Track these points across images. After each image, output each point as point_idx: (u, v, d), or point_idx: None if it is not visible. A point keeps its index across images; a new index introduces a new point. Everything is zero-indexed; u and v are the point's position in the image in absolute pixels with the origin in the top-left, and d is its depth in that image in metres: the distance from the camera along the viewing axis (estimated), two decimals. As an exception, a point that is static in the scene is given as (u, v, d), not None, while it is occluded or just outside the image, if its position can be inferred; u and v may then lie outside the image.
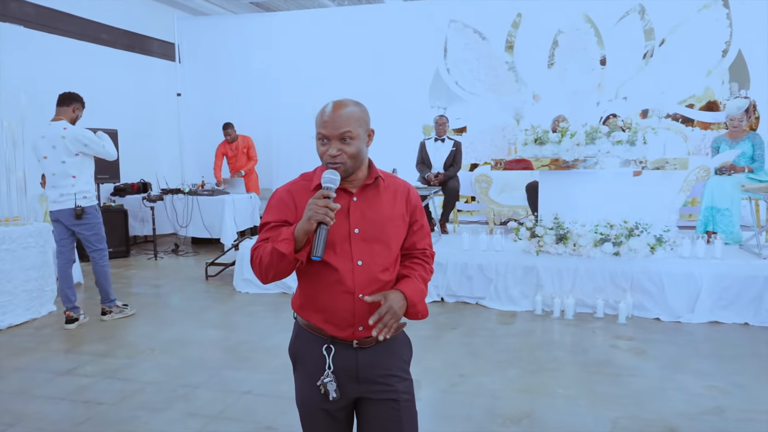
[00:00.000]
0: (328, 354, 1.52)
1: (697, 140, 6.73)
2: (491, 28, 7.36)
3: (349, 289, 1.48)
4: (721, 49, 6.60)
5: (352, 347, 1.53)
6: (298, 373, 1.60)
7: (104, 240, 4.51)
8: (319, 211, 1.36)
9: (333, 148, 1.46)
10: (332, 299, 1.50)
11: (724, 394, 3.04)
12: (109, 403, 3.04)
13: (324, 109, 1.49)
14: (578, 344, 3.89)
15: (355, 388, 1.54)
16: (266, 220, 1.54)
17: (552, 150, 4.94)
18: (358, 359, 1.53)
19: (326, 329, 1.52)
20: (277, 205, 1.54)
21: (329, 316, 1.51)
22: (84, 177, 4.37)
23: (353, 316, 1.49)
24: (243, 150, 7.86)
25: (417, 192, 1.65)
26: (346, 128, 1.45)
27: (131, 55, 8.33)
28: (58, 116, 4.34)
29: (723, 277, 4.30)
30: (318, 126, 1.47)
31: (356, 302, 1.49)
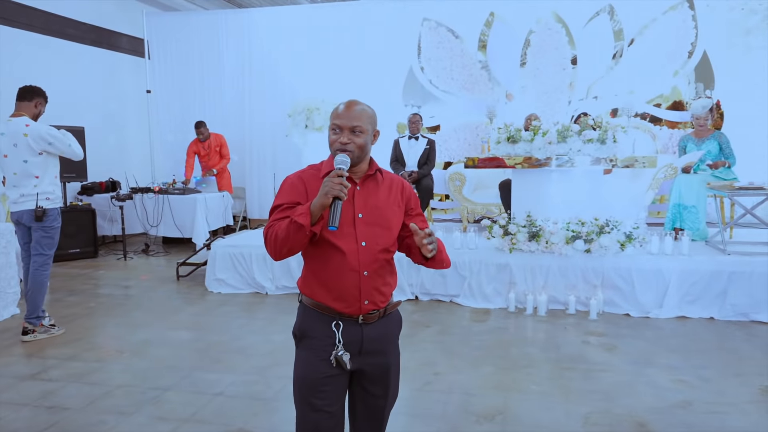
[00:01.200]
0: (338, 329, 1.68)
1: (665, 139, 6.88)
2: (464, 27, 7.39)
3: (354, 267, 1.67)
4: (687, 50, 6.75)
5: (357, 323, 1.70)
6: (303, 350, 1.73)
7: (54, 247, 4.15)
8: (335, 187, 1.54)
9: (344, 137, 1.67)
10: (340, 277, 1.67)
11: (692, 388, 3.11)
12: (76, 408, 2.96)
13: (340, 104, 1.71)
14: (551, 341, 3.93)
15: (357, 360, 1.71)
16: (279, 202, 1.71)
17: (525, 148, 4.99)
18: (363, 333, 1.71)
19: (335, 306, 1.68)
20: (290, 189, 1.72)
21: (338, 293, 1.68)
22: (48, 177, 4.08)
23: (359, 292, 1.68)
24: (215, 148, 7.74)
25: (410, 185, 1.84)
26: (358, 122, 1.68)
27: (98, 50, 8.13)
28: (19, 111, 4.04)
29: (690, 272, 4.40)
30: (333, 118, 1.69)
31: (362, 279, 1.67)
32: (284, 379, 3.30)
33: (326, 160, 1.76)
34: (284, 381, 3.26)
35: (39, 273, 4.07)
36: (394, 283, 1.79)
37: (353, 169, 1.70)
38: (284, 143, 7.85)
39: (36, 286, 4.06)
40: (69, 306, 4.90)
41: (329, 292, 1.69)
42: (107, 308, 4.84)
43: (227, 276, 5.30)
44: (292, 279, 5.17)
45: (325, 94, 7.42)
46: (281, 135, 7.76)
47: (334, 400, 1.70)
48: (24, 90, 4.12)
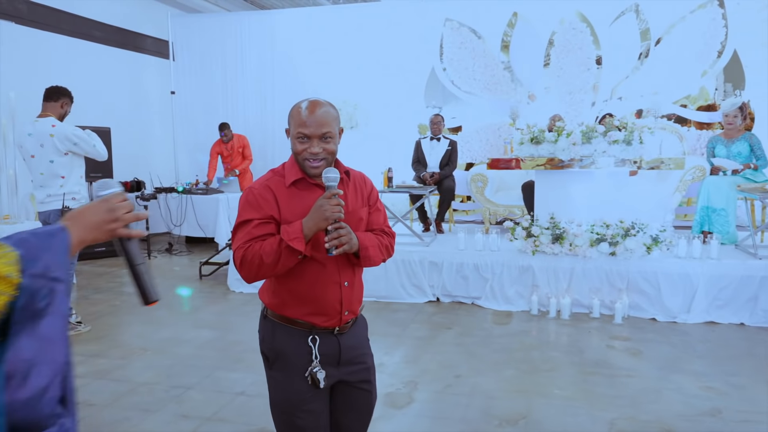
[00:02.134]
0: (314, 344, 1.59)
1: (692, 140, 6.73)
2: (487, 28, 7.33)
3: (335, 279, 1.59)
4: (717, 50, 6.59)
5: (333, 334, 1.62)
6: (280, 370, 1.62)
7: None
8: (335, 209, 1.46)
9: (316, 147, 1.54)
10: (321, 291, 1.58)
11: (722, 395, 3.03)
12: (101, 404, 3.00)
13: (300, 109, 1.55)
14: (574, 345, 3.87)
15: (336, 372, 1.62)
16: (248, 218, 1.55)
17: (548, 149, 4.92)
18: (340, 344, 1.63)
19: (314, 321, 1.59)
20: (259, 201, 1.56)
21: (318, 308, 1.58)
22: (74, 177, 4.12)
23: (341, 304, 1.60)
24: (238, 149, 7.81)
25: (376, 189, 1.79)
26: (327, 128, 1.54)
27: (124, 52, 8.27)
28: (45, 112, 4.08)
29: (719, 277, 4.30)
30: (297, 126, 1.54)
31: (343, 290, 1.60)
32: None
33: (287, 163, 1.64)
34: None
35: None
36: (363, 289, 1.73)
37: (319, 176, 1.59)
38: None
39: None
40: (95, 304, 4.98)
41: (307, 306, 1.58)
42: (131, 306, 4.91)
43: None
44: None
45: (346, 95, 7.45)
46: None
47: (320, 420, 1.62)
48: (50, 90, 4.15)
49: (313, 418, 1.60)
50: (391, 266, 4.92)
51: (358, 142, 7.34)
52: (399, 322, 4.36)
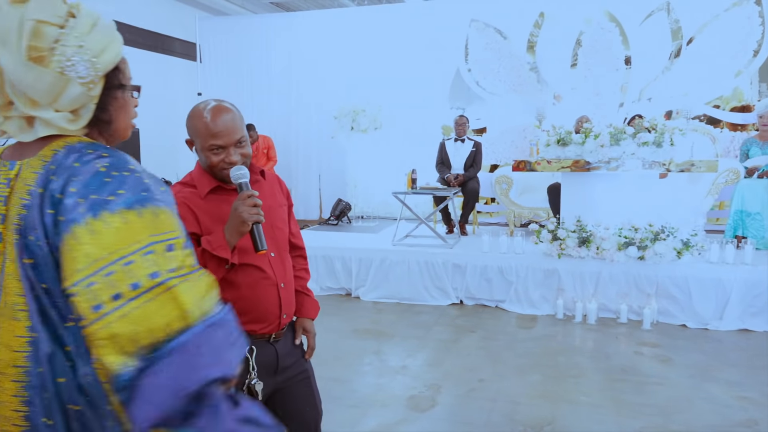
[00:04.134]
0: (251, 355, 1.51)
1: (726, 142, 6.53)
2: (513, 28, 7.24)
3: (273, 281, 1.54)
4: (753, 49, 6.39)
5: (269, 342, 1.57)
6: None
7: None
8: (252, 212, 1.39)
9: (234, 155, 1.47)
10: (260, 296, 1.52)
11: (757, 406, 2.92)
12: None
13: (204, 119, 1.46)
14: (601, 350, 3.79)
15: (272, 381, 1.57)
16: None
17: (575, 151, 4.83)
18: (278, 351, 1.58)
19: (252, 329, 1.51)
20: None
21: (257, 314, 1.52)
22: None
23: (279, 307, 1.55)
24: (263, 150, 7.86)
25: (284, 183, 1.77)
26: (240, 134, 1.48)
27: (153, 54, 8.41)
28: None
29: (754, 283, 4.16)
30: (207, 138, 1.45)
31: (281, 292, 1.55)
32: (328, 380, 3.28)
33: (194, 172, 1.57)
34: (327, 382, 3.25)
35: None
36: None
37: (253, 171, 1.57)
38: (330, 145, 7.91)
39: None
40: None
41: (245, 315, 1.49)
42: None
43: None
44: (337, 280, 5.17)
45: (371, 96, 7.44)
46: (327, 137, 7.82)
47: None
48: None
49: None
50: (414, 268, 4.89)
51: (383, 144, 7.33)
52: (422, 325, 4.33)
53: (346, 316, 4.54)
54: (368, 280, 5.02)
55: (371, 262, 5.03)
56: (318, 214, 8.40)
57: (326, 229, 6.67)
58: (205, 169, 1.54)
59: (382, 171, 7.22)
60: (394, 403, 2.99)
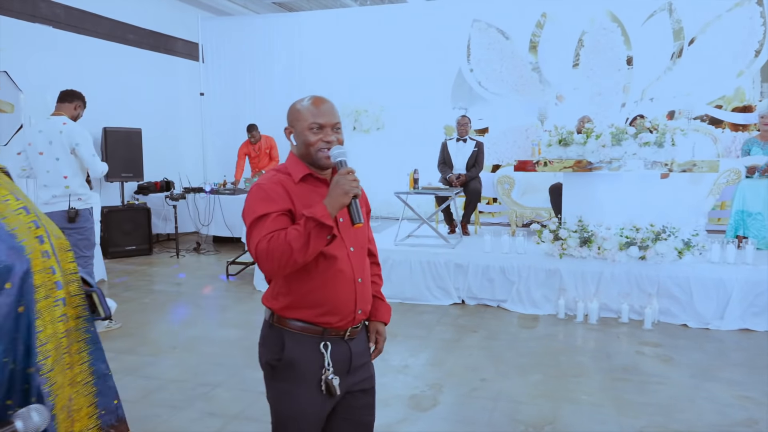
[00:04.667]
0: (326, 350, 1.53)
1: (727, 142, 6.54)
2: (515, 28, 7.25)
3: (349, 275, 1.55)
4: (754, 49, 6.39)
5: (343, 340, 1.57)
6: (289, 382, 1.54)
7: (93, 247, 4.13)
8: (353, 185, 1.44)
9: (331, 135, 1.54)
10: (335, 289, 1.53)
11: (758, 405, 2.94)
12: (131, 400, 3.06)
13: (309, 102, 1.57)
14: (602, 350, 3.80)
15: (345, 381, 1.56)
16: (265, 212, 1.47)
17: (577, 151, 4.85)
18: (351, 350, 1.58)
19: (326, 321, 1.52)
20: (272, 196, 1.50)
21: (330, 308, 1.53)
22: (78, 179, 4.04)
23: (354, 302, 1.56)
24: (266, 150, 7.89)
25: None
26: (338, 119, 1.57)
27: (156, 54, 8.44)
28: (59, 111, 4.06)
29: (755, 283, 4.17)
30: (310, 116, 1.54)
31: (357, 287, 1.56)
32: (330, 379, 3.31)
33: (288, 162, 1.61)
34: (330, 381, 3.28)
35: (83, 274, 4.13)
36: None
37: (326, 170, 1.58)
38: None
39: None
40: (125, 301, 5.09)
41: (320, 307, 1.52)
42: (161, 304, 5.00)
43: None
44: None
45: (373, 96, 7.46)
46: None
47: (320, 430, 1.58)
48: (65, 93, 4.13)
49: (319, 428, 1.57)
50: (416, 268, 4.91)
51: (385, 144, 7.35)
52: (424, 324, 4.35)
53: (348, 316, 4.56)
54: (370, 280, 5.04)
55: (373, 261, 5.05)
56: (320, 214, 8.42)
57: (328, 228, 6.68)
58: (299, 156, 1.60)
59: (385, 171, 7.24)
60: (396, 403, 3.01)
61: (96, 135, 7.15)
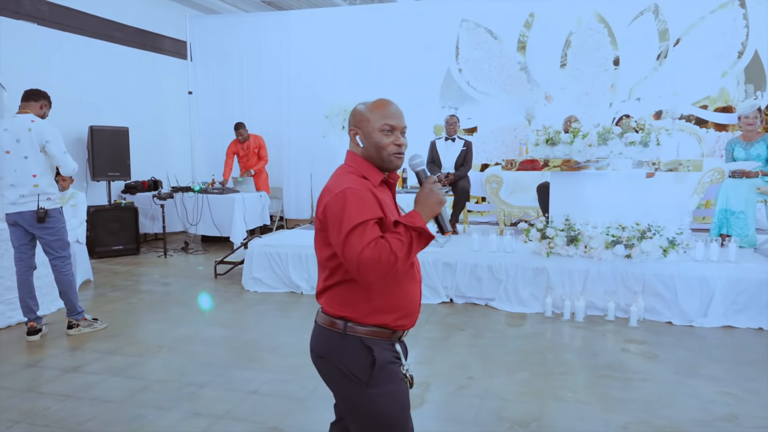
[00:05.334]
0: (400, 346, 1.62)
1: (711, 142, 6.63)
2: (503, 28, 7.30)
3: (418, 279, 1.62)
4: (737, 50, 6.49)
5: (400, 340, 1.63)
6: (388, 382, 1.54)
7: (68, 247, 4.10)
8: (443, 195, 1.50)
9: (402, 138, 1.56)
10: (409, 291, 1.57)
11: (739, 401, 2.98)
12: (116, 401, 3.04)
13: (382, 103, 1.57)
14: (588, 347, 3.84)
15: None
16: (364, 219, 1.43)
17: (564, 151, 4.88)
18: (406, 346, 1.69)
19: (400, 326, 1.57)
20: (366, 203, 1.47)
21: (408, 310, 1.57)
22: (47, 178, 3.95)
23: (420, 303, 1.64)
24: (254, 150, 7.87)
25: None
26: (405, 124, 1.57)
27: (143, 53, 8.38)
28: (25, 110, 3.95)
29: (737, 281, 4.23)
30: (383, 117, 1.53)
31: (421, 288, 1.64)
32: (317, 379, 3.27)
33: (359, 166, 1.58)
34: (317, 381, 3.25)
35: (63, 275, 4.05)
36: None
37: (393, 174, 1.61)
38: (321, 144, 7.91)
39: (65, 286, 4.07)
40: (112, 301, 5.06)
41: (398, 311, 1.54)
42: (148, 304, 4.97)
43: (263, 275, 5.37)
44: (327, 279, 5.19)
45: (362, 96, 7.38)
46: (318, 136, 7.81)
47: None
48: (30, 92, 4.04)
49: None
50: (404, 267, 4.91)
51: (373, 143, 7.35)
52: (412, 323, 4.36)
53: (336, 315, 4.56)
54: (359, 279, 5.04)
55: (362, 261, 5.05)
56: (310, 214, 8.41)
57: (317, 228, 6.68)
58: (365, 157, 1.58)
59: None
60: (384, 401, 3.02)
61: (82, 133, 7.09)
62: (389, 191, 1.62)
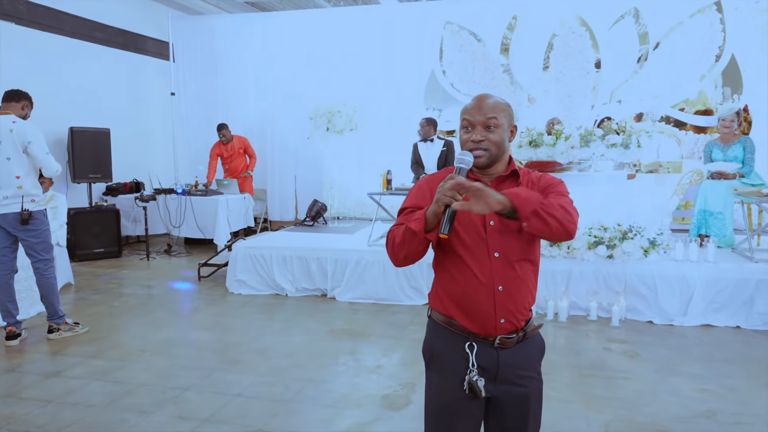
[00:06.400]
0: (471, 351, 1.52)
1: (690, 144, 6.75)
2: (487, 31, 7.36)
3: (487, 282, 1.50)
4: (715, 54, 6.63)
5: (493, 346, 1.53)
6: (434, 373, 1.60)
7: (51, 249, 4.05)
8: (446, 194, 1.40)
9: (477, 134, 1.52)
10: (470, 291, 1.52)
11: (717, 398, 3.04)
12: (98, 405, 3.01)
13: (469, 101, 1.58)
14: (571, 347, 3.89)
15: (491, 388, 1.53)
16: (403, 206, 1.62)
17: (546, 152, 4.94)
18: (499, 358, 1.53)
19: (467, 325, 1.53)
20: (416, 193, 1.62)
21: (470, 310, 1.53)
22: (30, 179, 3.91)
23: (494, 310, 1.50)
24: (239, 151, 7.83)
25: (549, 175, 1.65)
26: (492, 114, 1.52)
27: (125, 53, 8.29)
28: (6, 111, 3.91)
29: (715, 280, 4.31)
30: (462, 113, 1.56)
31: (496, 295, 1.50)
32: (303, 381, 3.31)
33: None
34: (303, 383, 3.28)
35: (45, 278, 4.00)
36: (533, 299, 1.59)
37: (487, 170, 1.56)
38: (305, 146, 7.91)
39: (46, 289, 4.03)
40: (93, 305, 4.99)
41: (461, 308, 1.53)
42: (130, 308, 4.92)
43: (248, 277, 5.35)
44: (312, 281, 5.19)
45: (346, 97, 7.47)
46: (302, 137, 7.82)
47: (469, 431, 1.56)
48: (11, 93, 3.99)
49: (460, 425, 1.54)
50: (389, 268, 4.93)
51: (358, 145, 7.36)
52: (397, 325, 4.38)
53: (321, 317, 4.56)
54: (344, 281, 5.05)
55: (347, 262, 5.06)
56: (294, 215, 8.39)
57: (302, 230, 6.68)
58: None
59: (358, 172, 7.26)
60: (368, 402, 3.03)
61: (62, 135, 7.00)
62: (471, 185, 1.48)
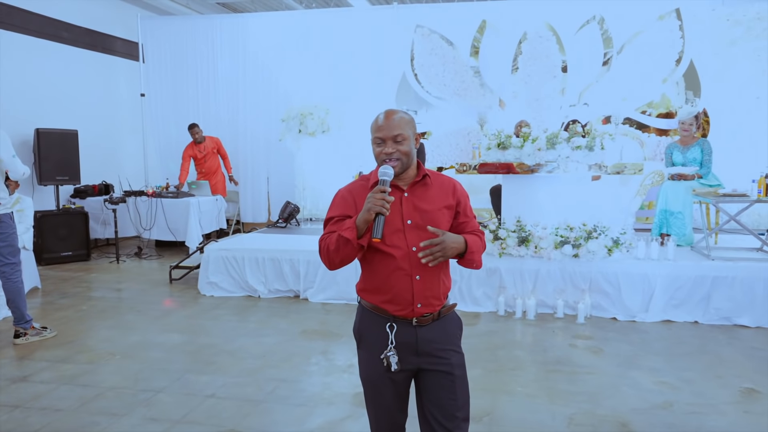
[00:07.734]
0: (391, 331, 1.76)
1: (652, 146, 6.98)
2: (457, 34, 7.48)
3: (407, 272, 1.74)
4: (674, 59, 6.88)
5: (411, 325, 1.77)
6: (363, 351, 1.85)
7: (18, 253, 4.02)
8: (376, 203, 1.63)
9: (389, 147, 1.74)
10: (393, 282, 1.75)
11: (674, 390, 3.18)
12: (67, 409, 2.99)
13: (377, 118, 1.79)
14: (539, 344, 4.00)
15: (414, 360, 1.78)
16: (331, 215, 1.81)
17: (514, 155, 5.06)
18: (418, 335, 1.77)
19: (388, 309, 1.76)
20: (340, 202, 1.82)
21: (391, 297, 1.76)
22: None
23: (412, 296, 1.74)
24: (212, 151, 7.79)
25: (462, 186, 1.90)
26: (399, 131, 1.74)
27: (93, 54, 8.16)
28: None
29: (675, 277, 4.48)
30: (374, 131, 1.77)
31: (414, 283, 1.74)
32: (275, 381, 3.34)
33: (375, 170, 1.83)
34: (275, 383, 3.31)
35: (11, 282, 3.96)
36: (448, 286, 1.84)
37: (401, 176, 1.78)
38: (278, 148, 7.91)
39: (13, 294, 3.99)
40: (61, 309, 4.92)
41: (383, 295, 1.77)
42: (99, 311, 4.87)
43: (220, 279, 5.34)
44: (285, 283, 5.21)
45: (318, 100, 7.50)
46: (275, 139, 7.82)
47: (395, 400, 1.82)
48: None
49: (388, 396, 1.80)
50: (361, 269, 4.98)
51: (330, 147, 7.39)
52: (369, 324, 4.42)
53: (294, 318, 4.59)
54: (316, 282, 5.09)
55: (319, 264, 5.09)
56: (266, 217, 8.37)
57: (274, 231, 6.68)
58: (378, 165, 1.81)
59: (330, 173, 7.29)
60: (340, 401, 3.08)
61: (28, 136, 6.86)
62: (399, 193, 1.77)
